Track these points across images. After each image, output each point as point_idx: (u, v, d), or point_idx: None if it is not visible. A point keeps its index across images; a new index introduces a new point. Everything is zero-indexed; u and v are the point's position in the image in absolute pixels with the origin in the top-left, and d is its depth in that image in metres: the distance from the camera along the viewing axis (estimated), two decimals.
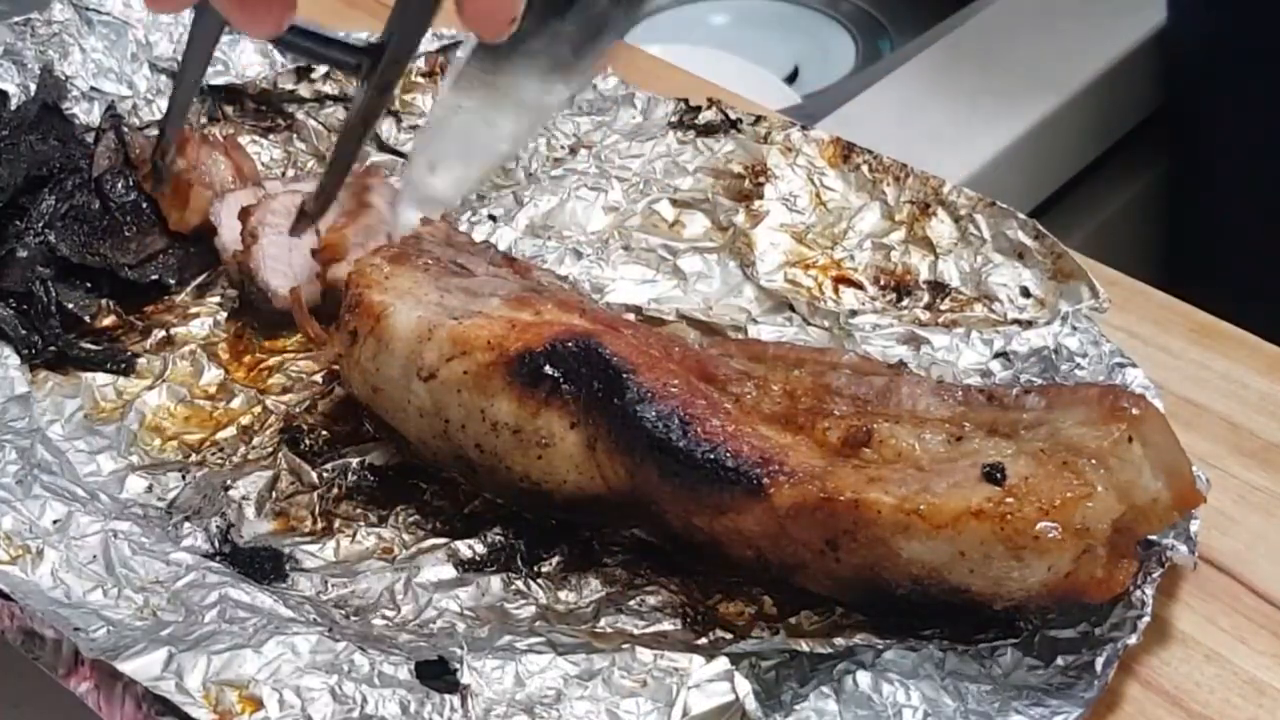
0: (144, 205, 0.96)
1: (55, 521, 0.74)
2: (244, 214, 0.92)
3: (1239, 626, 0.75)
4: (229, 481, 0.81)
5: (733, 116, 1.01)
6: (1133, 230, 1.38)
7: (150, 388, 0.87)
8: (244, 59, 1.08)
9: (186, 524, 0.78)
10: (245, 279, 0.91)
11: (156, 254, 0.95)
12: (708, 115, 1.01)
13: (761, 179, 0.98)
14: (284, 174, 1.04)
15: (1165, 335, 0.91)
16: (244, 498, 0.80)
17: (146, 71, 1.07)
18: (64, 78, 1.03)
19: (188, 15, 1.08)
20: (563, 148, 1.02)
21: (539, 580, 0.76)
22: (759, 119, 1.00)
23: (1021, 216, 0.92)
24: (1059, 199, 1.30)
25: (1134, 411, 0.69)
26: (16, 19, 1.05)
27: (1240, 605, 0.76)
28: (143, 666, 0.66)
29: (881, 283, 0.93)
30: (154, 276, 0.94)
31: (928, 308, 0.91)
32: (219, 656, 0.67)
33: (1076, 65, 1.29)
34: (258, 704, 0.66)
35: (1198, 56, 1.30)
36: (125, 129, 0.99)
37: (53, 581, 0.71)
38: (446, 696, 0.66)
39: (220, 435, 0.85)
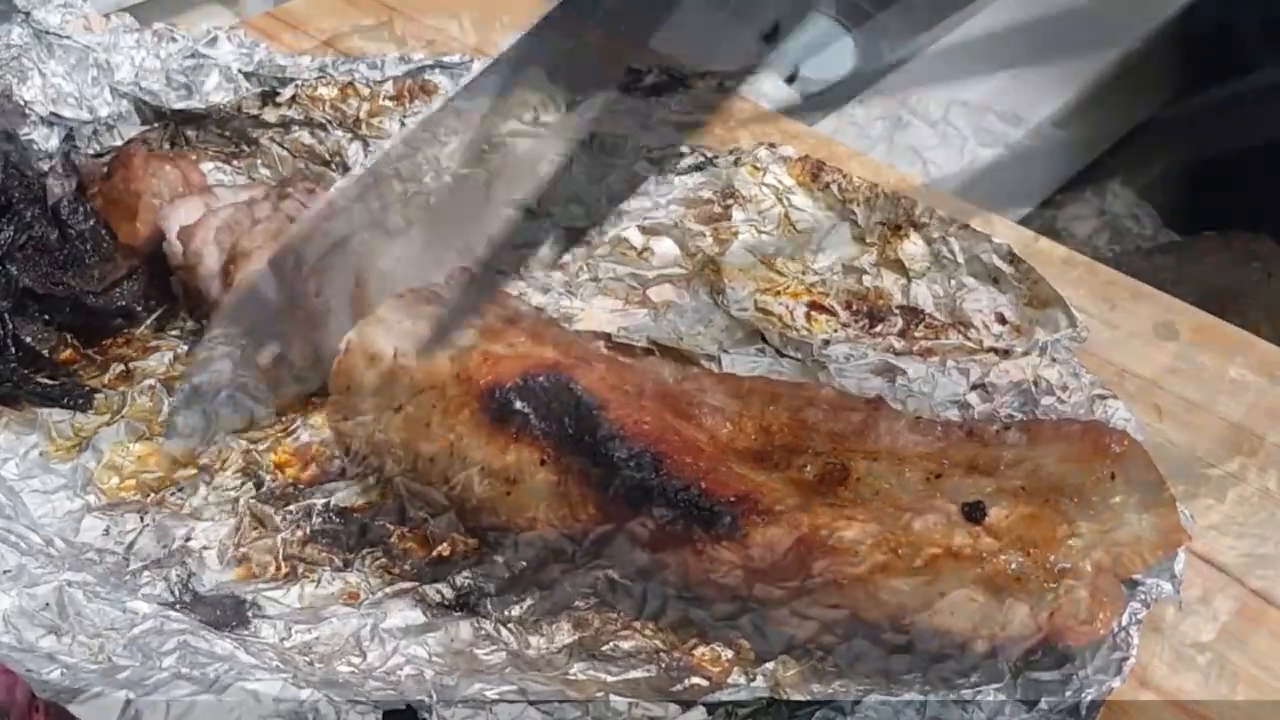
0: (103, 232, 0.94)
1: (6, 571, 0.71)
2: (185, 234, 0.88)
3: (1239, 627, 0.75)
4: (190, 530, 0.78)
5: (709, 155, 0.99)
6: (1134, 228, 1.38)
7: (108, 424, 0.85)
8: (208, 83, 1.06)
9: (145, 573, 0.76)
10: (196, 301, 0.89)
11: (120, 280, 0.93)
12: (689, 160, 1.00)
13: (730, 201, 0.97)
14: None
15: (1165, 335, 0.91)
16: (204, 547, 0.77)
17: (108, 96, 1.05)
18: (22, 103, 1.01)
19: (149, 38, 1.07)
20: None
21: (509, 625, 0.74)
22: (733, 150, 0.99)
23: (995, 240, 0.91)
24: (1060, 197, 1.30)
25: (1117, 449, 0.68)
26: None
27: (1241, 605, 0.76)
28: (100, 711, 0.64)
29: (854, 308, 0.92)
30: (120, 303, 0.92)
31: (902, 334, 0.89)
32: (179, 703, 0.64)
33: (1077, 64, 1.29)
34: None
35: (1225, 35, 1.30)
36: (75, 156, 0.96)
37: (3, 627, 0.69)
38: None
39: (179, 474, 0.82)
